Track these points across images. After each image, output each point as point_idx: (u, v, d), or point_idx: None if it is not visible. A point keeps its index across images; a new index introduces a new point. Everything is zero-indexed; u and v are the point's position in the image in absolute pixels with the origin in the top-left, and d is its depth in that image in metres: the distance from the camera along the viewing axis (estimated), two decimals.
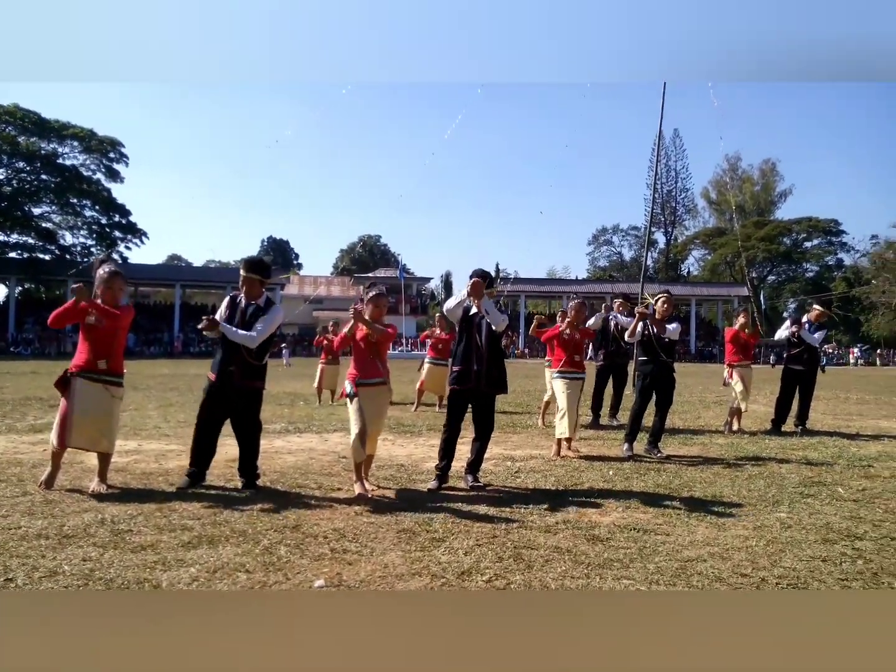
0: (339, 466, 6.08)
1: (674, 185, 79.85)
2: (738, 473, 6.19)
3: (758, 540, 4.11)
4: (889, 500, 5.27)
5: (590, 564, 3.62)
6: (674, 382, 7.27)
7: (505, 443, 7.77)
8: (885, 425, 10.30)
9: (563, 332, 7.22)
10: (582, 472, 6.13)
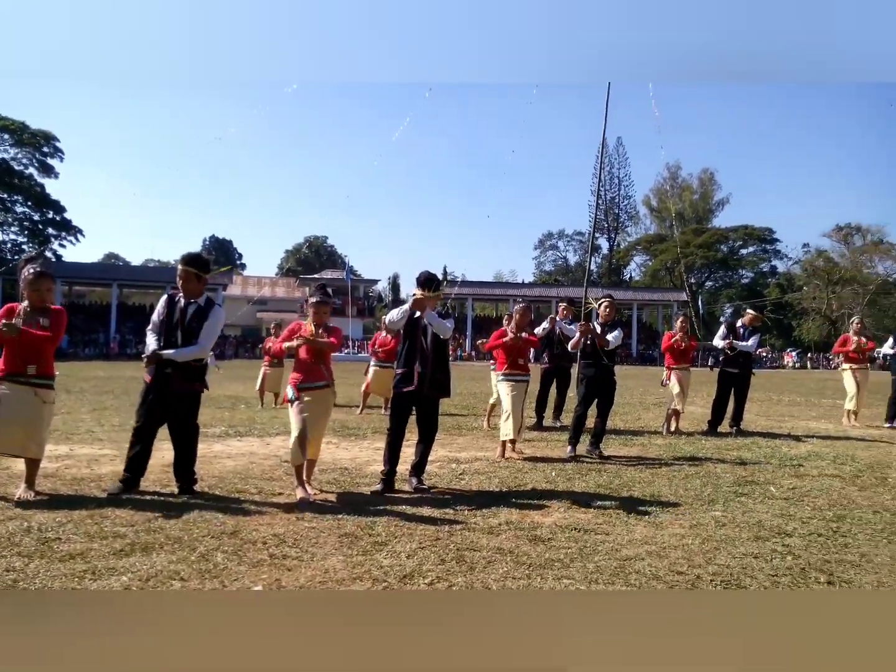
0: (281, 471, 5.97)
1: (617, 192, 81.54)
2: (676, 473, 6.35)
3: (693, 538, 4.22)
4: (817, 497, 5.49)
5: (531, 565, 3.65)
6: (614, 385, 7.42)
7: (450, 445, 7.78)
8: (815, 426, 10.74)
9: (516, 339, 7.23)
10: (525, 474, 6.18)
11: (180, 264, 5.14)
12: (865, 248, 67.90)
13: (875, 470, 6.78)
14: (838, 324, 64.84)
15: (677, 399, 9.26)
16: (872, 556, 3.97)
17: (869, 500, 5.42)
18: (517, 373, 7.21)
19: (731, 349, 9.41)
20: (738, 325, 9.62)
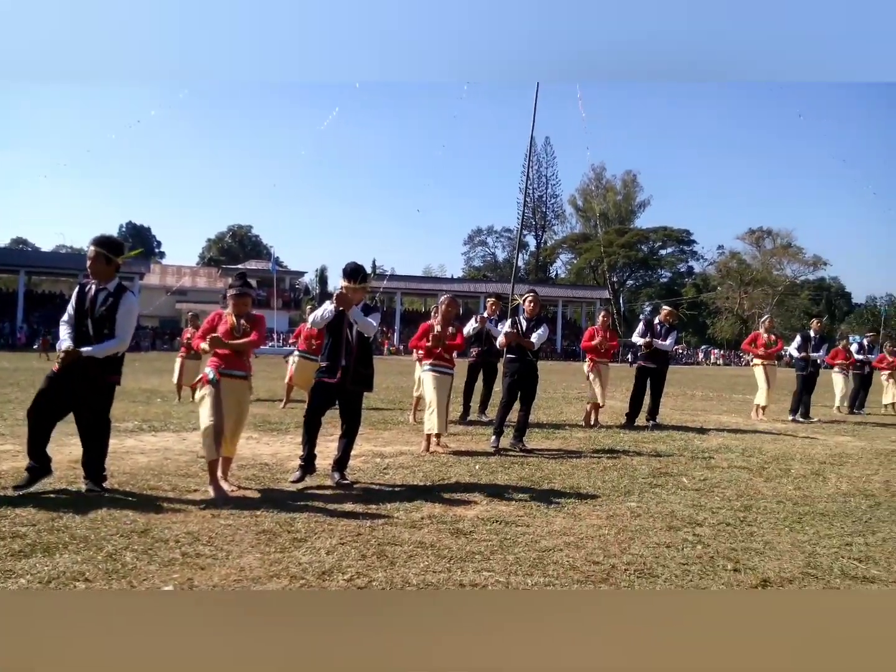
0: (197, 467, 5.77)
1: (544, 190, 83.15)
2: (595, 465, 6.51)
3: (610, 528, 4.34)
4: (726, 488, 5.74)
5: (452, 558, 3.65)
6: (538, 379, 7.54)
7: (375, 439, 7.72)
8: (726, 420, 11.26)
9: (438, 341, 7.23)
10: (450, 467, 6.20)
11: (90, 245, 4.89)
12: (775, 251, 71.67)
13: (780, 462, 7.15)
14: (749, 322, 68.27)
15: (598, 393, 9.51)
16: (775, 543, 4.18)
17: (773, 491, 5.71)
18: (442, 364, 7.22)
19: (649, 346, 9.73)
20: (656, 322, 9.97)
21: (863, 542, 4.26)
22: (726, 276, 72.26)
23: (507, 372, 7.47)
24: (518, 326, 7.43)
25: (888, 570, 3.75)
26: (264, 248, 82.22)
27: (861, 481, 6.23)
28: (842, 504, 5.29)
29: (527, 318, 7.49)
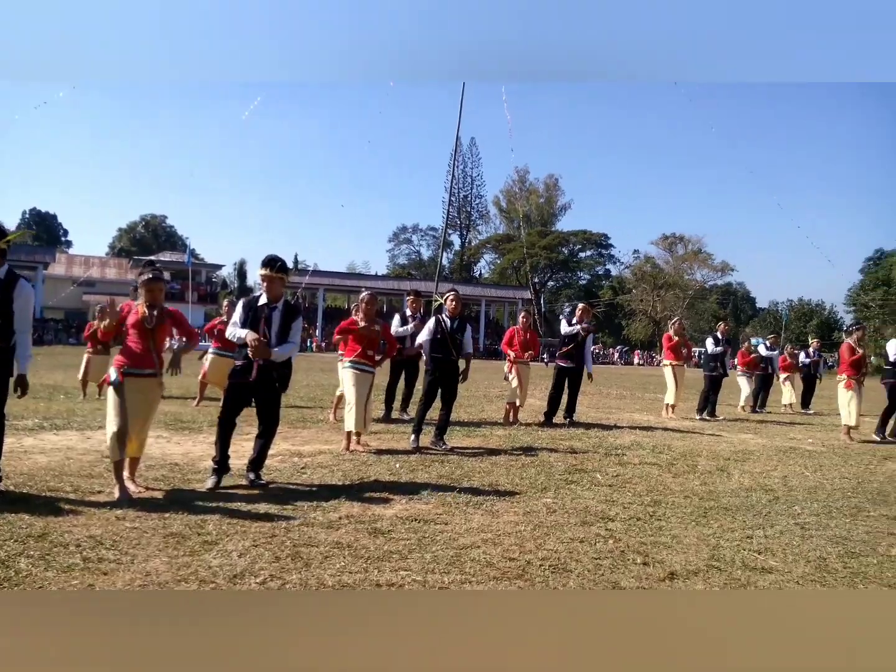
0: (102, 467, 5.48)
1: (470, 190, 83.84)
2: (513, 463, 6.61)
3: (526, 525, 4.40)
4: (637, 484, 5.94)
5: (369, 558, 3.62)
6: (458, 377, 7.57)
7: (293, 438, 7.57)
8: (638, 418, 11.67)
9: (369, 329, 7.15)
10: (370, 466, 6.14)
11: None
12: (686, 257, 74.80)
13: (687, 458, 7.47)
14: (661, 324, 71.06)
15: (517, 391, 9.66)
16: (682, 537, 4.35)
17: (681, 486, 5.95)
18: (364, 362, 7.14)
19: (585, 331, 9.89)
20: (574, 321, 10.20)
21: (762, 534, 4.50)
22: (641, 279, 74.89)
23: (430, 371, 7.47)
24: (442, 326, 7.43)
25: (784, 560, 3.96)
26: (179, 240, 79.25)
27: (762, 477, 6.58)
28: (744, 498, 5.56)
29: (449, 316, 7.51)
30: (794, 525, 4.77)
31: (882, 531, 4.69)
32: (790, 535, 4.49)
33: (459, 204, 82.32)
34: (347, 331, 7.29)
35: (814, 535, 4.53)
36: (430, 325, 7.49)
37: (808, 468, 7.17)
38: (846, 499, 5.71)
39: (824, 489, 6.09)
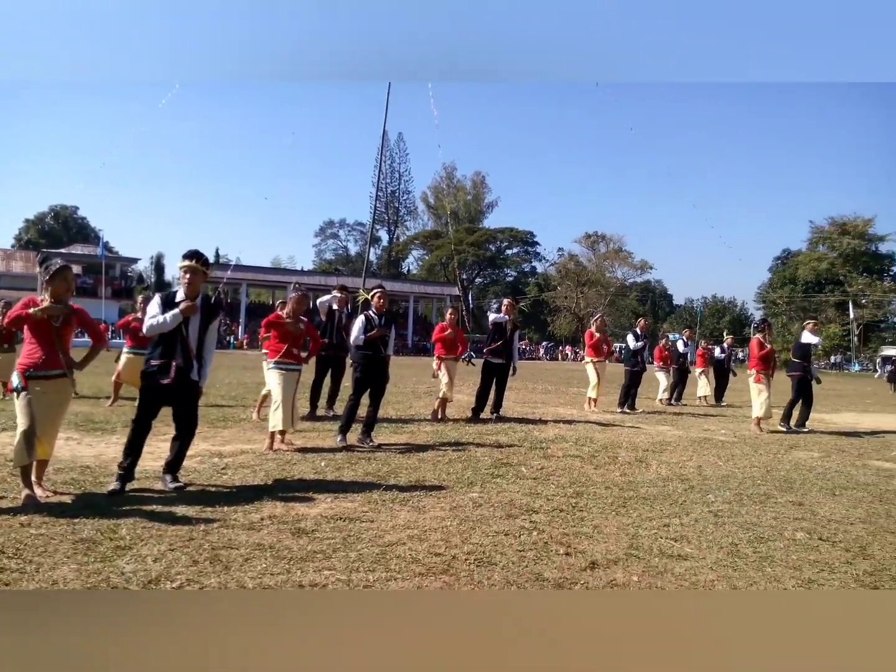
0: (6, 471, 5.16)
1: (397, 186, 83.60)
2: (441, 458, 6.62)
3: (453, 520, 4.42)
4: (561, 476, 6.06)
5: (292, 559, 3.54)
6: (388, 375, 7.54)
7: (214, 438, 7.33)
8: (563, 412, 11.92)
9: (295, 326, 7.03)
10: (294, 465, 6.02)
11: None
12: (608, 255, 76.90)
13: (609, 450, 7.68)
14: (585, 321, 72.95)
15: (445, 388, 9.69)
16: (603, 527, 4.46)
17: (602, 477, 6.11)
18: (289, 362, 6.99)
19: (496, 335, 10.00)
20: (501, 316, 10.31)
21: (678, 522, 4.67)
22: (565, 276, 76.56)
23: (358, 367, 7.39)
24: (373, 323, 7.37)
25: (699, 547, 4.12)
26: (92, 232, 75.64)
27: (678, 467, 6.84)
28: (661, 488, 5.76)
29: (377, 313, 7.46)
30: (708, 513, 4.97)
31: (788, 516, 4.95)
32: (704, 523, 4.68)
33: (387, 199, 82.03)
34: (274, 324, 7.13)
35: (726, 521, 4.74)
36: (360, 322, 7.40)
37: (720, 458, 7.50)
38: (756, 486, 5.99)
39: (736, 478, 6.38)
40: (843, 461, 7.58)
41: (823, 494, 5.77)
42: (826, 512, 5.12)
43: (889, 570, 3.79)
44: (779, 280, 73.43)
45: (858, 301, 63.88)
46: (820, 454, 8.06)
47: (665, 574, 3.60)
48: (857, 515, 5.05)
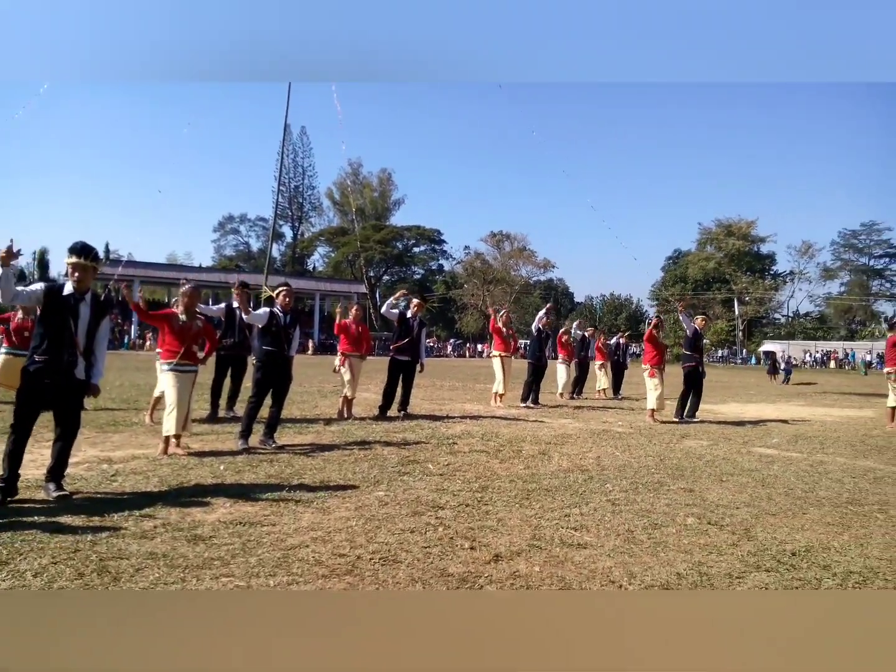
0: None
1: (301, 181, 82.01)
2: (346, 458, 6.53)
3: (358, 519, 4.36)
4: (466, 471, 6.11)
5: (188, 567, 3.38)
6: (291, 375, 7.36)
7: (103, 444, 6.92)
8: (469, 408, 12.05)
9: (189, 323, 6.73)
10: (190, 470, 5.77)
11: None
12: (512, 254, 78.51)
13: (513, 444, 7.82)
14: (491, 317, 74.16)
15: (349, 386, 9.58)
16: (507, 519, 4.53)
17: (507, 471, 6.22)
18: (185, 363, 6.69)
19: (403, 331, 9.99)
20: (409, 315, 10.31)
21: (578, 512, 4.81)
22: (472, 274, 77.56)
23: (261, 366, 7.15)
24: (277, 319, 7.17)
25: (598, 535, 4.26)
26: None
27: (578, 458, 7.06)
28: (562, 479, 5.93)
29: (282, 311, 7.26)
30: (606, 501, 5.15)
31: (680, 503, 5.21)
32: (602, 511, 4.85)
33: (291, 194, 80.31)
34: (166, 317, 6.85)
35: (623, 509, 4.93)
36: (264, 318, 7.18)
37: (618, 448, 7.80)
38: (650, 475, 6.27)
39: (632, 467, 6.66)
40: (729, 449, 8.07)
41: (712, 481, 6.10)
42: (714, 497, 5.42)
43: (770, 550, 4.05)
44: (671, 278, 77.43)
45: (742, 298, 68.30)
46: (708, 442, 8.55)
47: (565, 563, 3.70)
48: (742, 500, 5.37)
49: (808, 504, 5.28)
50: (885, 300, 77.13)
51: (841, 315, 78.09)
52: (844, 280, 79.58)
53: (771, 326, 73.24)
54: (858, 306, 75.93)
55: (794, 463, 7.17)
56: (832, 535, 4.40)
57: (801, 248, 72.15)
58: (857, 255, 79.63)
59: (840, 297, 76.89)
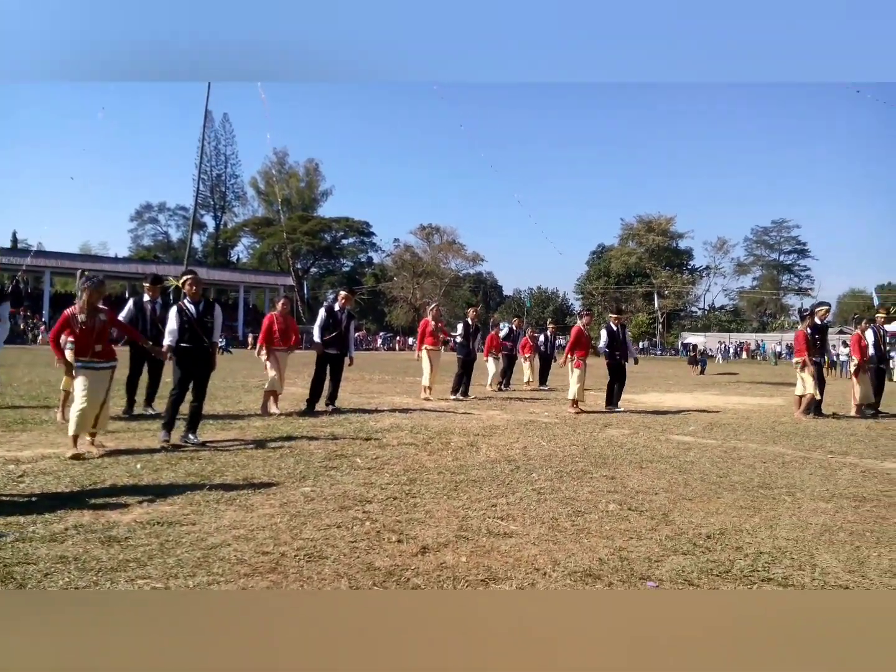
0: None
1: (224, 169, 79.68)
2: (271, 454, 6.39)
3: (283, 516, 4.27)
4: (395, 465, 6.09)
5: (101, 569, 3.23)
6: (212, 364, 7.10)
7: (10, 443, 6.53)
8: (398, 401, 12.02)
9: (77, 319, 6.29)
10: (105, 469, 5.51)
11: None
12: (442, 247, 78.85)
13: (442, 436, 7.85)
14: (420, 311, 74.23)
15: (277, 380, 9.39)
16: (435, 511, 4.54)
17: (435, 463, 6.23)
18: (96, 360, 6.33)
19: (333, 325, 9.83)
20: (336, 308, 10.14)
21: (505, 501, 4.87)
22: (401, 267, 77.43)
23: (177, 361, 6.91)
24: (187, 313, 6.90)
25: (523, 524, 4.32)
26: None
27: (505, 448, 7.15)
28: (490, 470, 5.99)
29: (192, 301, 7.01)
30: (532, 490, 5.24)
31: (602, 490, 5.35)
32: (528, 500, 4.93)
33: (213, 183, 77.88)
34: (65, 324, 6.32)
35: (548, 498, 5.02)
36: (173, 315, 6.91)
37: (544, 438, 7.95)
38: (574, 463, 6.42)
39: (557, 456, 6.80)
40: (649, 437, 8.35)
41: (632, 468, 6.30)
42: (634, 484, 5.60)
43: (686, 533, 4.22)
44: (595, 272, 79.53)
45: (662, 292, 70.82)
46: (629, 431, 8.82)
47: (492, 553, 3.74)
48: (660, 486, 5.57)
49: (722, 489, 5.52)
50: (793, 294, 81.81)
51: (753, 308, 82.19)
52: (756, 274, 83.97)
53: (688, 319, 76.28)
54: (769, 299, 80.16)
55: (709, 449, 7.49)
56: (744, 518, 4.62)
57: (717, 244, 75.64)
58: (768, 250, 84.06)
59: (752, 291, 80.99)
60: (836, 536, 4.22)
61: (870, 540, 4.17)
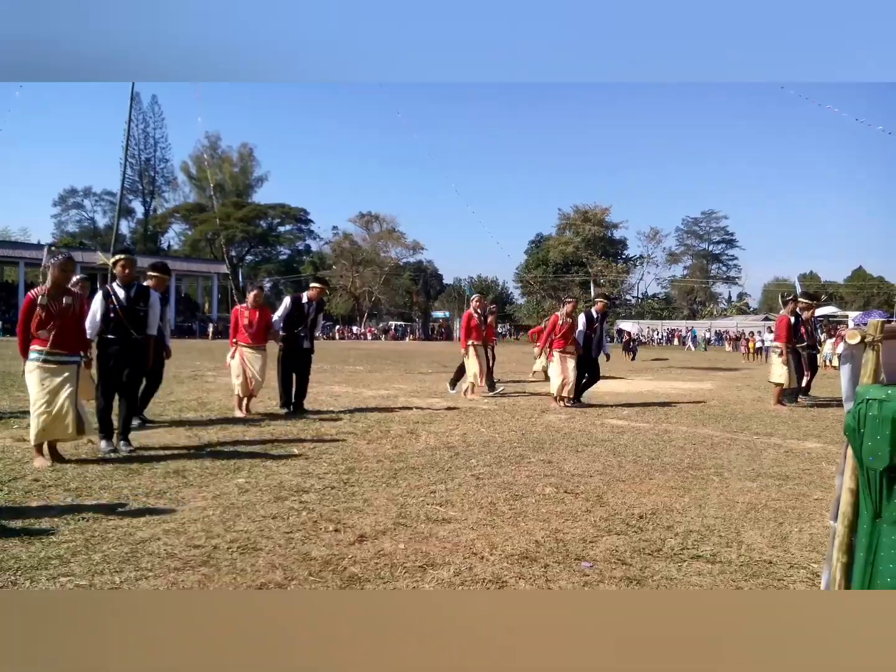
0: None
1: (152, 153, 76.86)
2: (204, 446, 6.22)
3: (215, 509, 4.16)
4: (333, 454, 6.02)
5: (20, 569, 3.08)
6: (146, 359, 6.39)
7: None
8: (338, 390, 11.89)
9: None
10: (26, 464, 5.25)
11: None
12: (382, 235, 78.21)
13: (382, 424, 7.81)
14: (361, 300, 73.63)
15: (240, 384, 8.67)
16: (373, 500, 4.51)
17: (374, 452, 6.19)
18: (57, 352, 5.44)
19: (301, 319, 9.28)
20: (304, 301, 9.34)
21: (444, 488, 4.88)
22: (340, 255, 76.43)
23: (106, 355, 6.11)
24: (114, 299, 6.21)
25: (462, 510, 4.34)
26: None
27: (445, 436, 7.16)
28: (429, 457, 5.99)
29: (123, 285, 6.26)
30: (471, 476, 5.27)
31: (539, 474, 5.43)
32: (467, 486, 4.95)
33: (141, 167, 75.04)
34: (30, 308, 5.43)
35: (486, 483, 5.06)
36: (97, 301, 6.16)
37: (483, 425, 8.01)
38: (512, 449, 6.49)
39: (496, 442, 6.86)
40: (585, 421, 8.52)
41: (568, 452, 6.42)
42: (570, 467, 5.70)
43: (620, 514, 4.32)
44: (533, 262, 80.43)
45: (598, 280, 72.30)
46: (566, 416, 8.98)
47: (430, 539, 3.74)
48: (595, 468, 5.69)
49: (653, 470, 5.68)
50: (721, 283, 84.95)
51: (684, 296, 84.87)
52: (687, 264, 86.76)
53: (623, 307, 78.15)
54: (699, 288, 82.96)
55: (641, 432, 7.70)
56: (675, 498, 4.77)
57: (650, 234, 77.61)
58: (697, 240, 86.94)
59: (683, 280, 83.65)
60: (760, 514, 4.40)
61: (792, 516, 4.37)
